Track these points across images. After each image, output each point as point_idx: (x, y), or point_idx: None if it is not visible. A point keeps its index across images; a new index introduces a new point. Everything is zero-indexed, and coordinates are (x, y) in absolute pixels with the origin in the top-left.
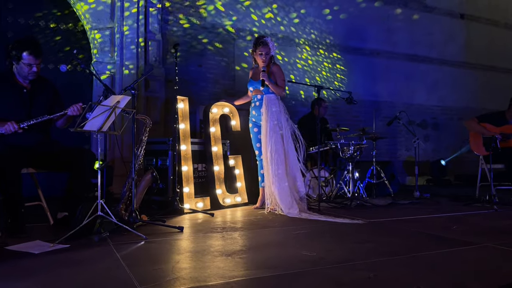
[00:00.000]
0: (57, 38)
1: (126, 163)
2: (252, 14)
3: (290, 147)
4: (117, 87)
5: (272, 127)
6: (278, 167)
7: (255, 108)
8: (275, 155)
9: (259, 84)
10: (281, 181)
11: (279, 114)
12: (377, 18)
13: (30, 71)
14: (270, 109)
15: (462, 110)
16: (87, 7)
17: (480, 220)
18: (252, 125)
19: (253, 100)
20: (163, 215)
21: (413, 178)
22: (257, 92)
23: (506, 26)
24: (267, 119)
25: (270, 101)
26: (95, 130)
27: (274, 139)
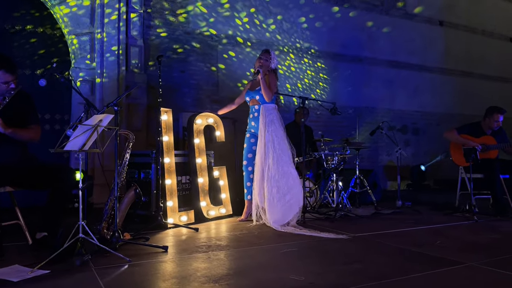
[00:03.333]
0: (32, 40)
1: (106, 172)
2: (235, 19)
3: (287, 157)
4: (97, 94)
5: (269, 138)
6: (275, 179)
7: (254, 119)
8: (273, 166)
9: (255, 94)
10: (277, 192)
11: (276, 124)
12: (359, 25)
13: (8, 88)
14: (267, 119)
15: (441, 116)
16: (67, 10)
17: (462, 233)
18: (249, 135)
19: (251, 111)
20: (147, 231)
21: (394, 182)
22: (254, 102)
23: (483, 33)
24: (265, 130)
25: (267, 111)
26: (77, 149)
27: (272, 149)
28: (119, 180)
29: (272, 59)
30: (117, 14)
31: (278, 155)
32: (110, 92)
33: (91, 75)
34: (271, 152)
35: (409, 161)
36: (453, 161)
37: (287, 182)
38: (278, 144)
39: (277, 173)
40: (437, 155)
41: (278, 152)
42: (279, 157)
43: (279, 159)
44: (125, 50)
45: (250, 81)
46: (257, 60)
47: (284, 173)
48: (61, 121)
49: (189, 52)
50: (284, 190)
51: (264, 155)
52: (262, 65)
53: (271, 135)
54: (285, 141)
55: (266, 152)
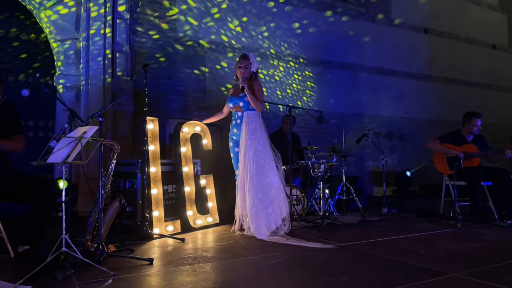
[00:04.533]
0: (15, 44)
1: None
2: (223, 26)
3: (270, 167)
4: (82, 101)
5: (251, 147)
6: (257, 189)
7: (236, 126)
8: (254, 176)
9: (239, 100)
10: (259, 203)
11: (259, 132)
12: (345, 32)
13: None
14: (249, 126)
15: (426, 122)
16: (52, 16)
17: (446, 242)
18: (233, 144)
19: (234, 117)
20: (132, 242)
21: (380, 188)
22: (237, 109)
23: (466, 40)
24: (247, 138)
25: (250, 118)
26: (60, 162)
27: (253, 159)
28: (103, 191)
29: (252, 64)
30: (103, 21)
31: (261, 165)
32: (96, 98)
33: (76, 82)
34: (251, 162)
35: (394, 167)
36: (437, 169)
37: (269, 193)
38: (260, 153)
39: (259, 184)
40: (422, 161)
41: (261, 162)
42: (262, 167)
43: (261, 169)
44: (111, 57)
45: (233, 87)
46: (236, 68)
47: (266, 184)
48: (45, 128)
49: (176, 58)
50: (266, 202)
51: (246, 164)
52: (244, 75)
53: (253, 143)
54: (268, 150)
55: (247, 161)
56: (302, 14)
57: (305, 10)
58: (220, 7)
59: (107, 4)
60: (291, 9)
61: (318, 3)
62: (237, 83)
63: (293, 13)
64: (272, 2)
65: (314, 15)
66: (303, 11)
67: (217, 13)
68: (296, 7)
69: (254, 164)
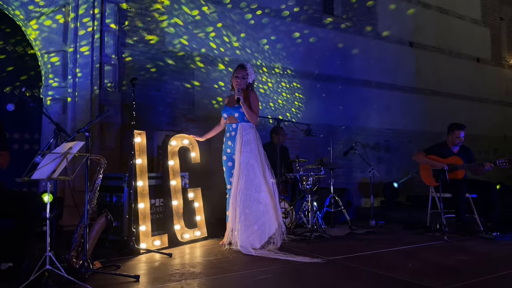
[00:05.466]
0: (1, 56)
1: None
2: (211, 39)
3: (260, 181)
4: (69, 113)
5: (244, 160)
6: (245, 205)
7: (231, 138)
8: (243, 191)
9: (234, 111)
10: (246, 219)
11: (253, 144)
12: (333, 45)
13: None
14: (244, 138)
15: (412, 133)
16: (43, 28)
17: (432, 255)
18: (226, 158)
19: (228, 129)
20: (118, 258)
21: (368, 199)
22: (231, 120)
23: (450, 53)
24: (241, 149)
25: (245, 130)
26: (45, 178)
27: (243, 173)
28: (89, 207)
29: (249, 75)
30: (91, 33)
31: (251, 179)
32: (83, 110)
33: (62, 94)
34: (242, 176)
35: (382, 178)
36: (423, 181)
37: (256, 209)
38: (251, 167)
39: (247, 199)
40: (408, 173)
41: (251, 176)
42: (251, 181)
43: (250, 184)
44: (98, 69)
45: (227, 97)
46: (232, 79)
47: (254, 199)
48: (30, 140)
49: (165, 70)
50: (253, 219)
51: (239, 177)
52: (240, 85)
53: (246, 156)
54: (260, 163)
55: (240, 174)
56: (291, 28)
57: (294, 24)
58: (209, 20)
59: (95, 16)
60: (280, 22)
61: (307, 17)
62: (232, 93)
63: (282, 27)
64: (263, 16)
65: (303, 28)
66: (292, 25)
67: (207, 26)
68: (286, 21)
69: (243, 178)
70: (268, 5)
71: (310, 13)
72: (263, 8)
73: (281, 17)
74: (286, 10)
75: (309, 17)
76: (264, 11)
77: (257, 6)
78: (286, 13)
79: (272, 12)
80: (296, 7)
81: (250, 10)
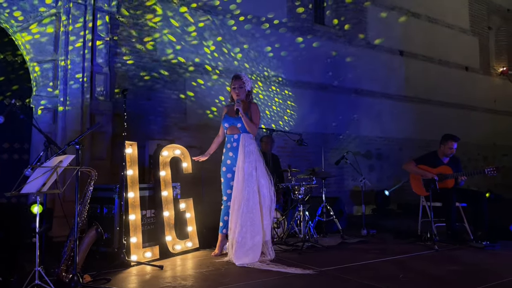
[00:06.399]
0: None
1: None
2: (203, 48)
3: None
4: (60, 123)
5: (248, 171)
6: (247, 217)
7: (232, 149)
8: (246, 203)
9: (236, 121)
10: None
11: (255, 155)
12: (324, 54)
13: None
14: (246, 149)
15: (403, 141)
16: (29, 37)
17: (423, 265)
18: (226, 169)
19: (229, 140)
20: (109, 270)
21: (360, 207)
22: (233, 130)
23: (440, 62)
24: (244, 160)
25: (247, 141)
26: (34, 191)
27: (246, 184)
28: (79, 219)
29: (246, 83)
30: (82, 42)
31: (253, 191)
32: (73, 120)
33: (53, 103)
34: (246, 187)
35: (373, 185)
36: (414, 191)
37: (259, 221)
38: (254, 178)
39: (249, 212)
40: (400, 180)
41: (254, 188)
42: (254, 193)
43: (253, 195)
44: (90, 78)
45: (226, 106)
46: (231, 91)
47: (256, 211)
48: (20, 150)
49: (157, 79)
50: (255, 231)
51: (242, 189)
52: (239, 95)
53: (249, 167)
54: (261, 174)
55: (244, 186)
56: (283, 38)
57: (286, 34)
58: (202, 29)
59: (87, 26)
60: (271, 32)
61: (299, 27)
62: (231, 104)
63: (273, 36)
64: (252, 26)
65: (294, 38)
66: (284, 34)
67: (199, 35)
68: (277, 31)
69: (246, 189)
70: (260, 15)
71: (301, 23)
72: (255, 18)
73: (273, 26)
74: (278, 20)
75: (301, 27)
76: (256, 21)
77: (249, 15)
78: (278, 22)
79: (265, 21)
80: (287, 16)
81: (243, 19)
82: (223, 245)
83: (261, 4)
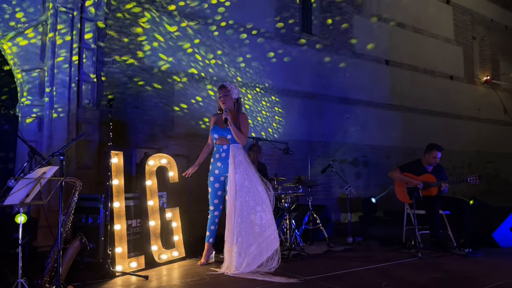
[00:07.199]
0: None
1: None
2: (192, 56)
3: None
4: (46, 131)
5: (239, 180)
6: (241, 227)
7: (221, 159)
8: (239, 213)
9: (226, 132)
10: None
11: (245, 165)
12: (311, 63)
13: None
14: (236, 159)
15: (389, 149)
16: (14, 48)
17: (406, 273)
18: (213, 179)
19: (218, 150)
20: (93, 281)
21: (347, 215)
22: (222, 141)
23: (425, 71)
24: (235, 171)
25: (237, 151)
26: (18, 203)
27: (238, 194)
28: (63, 230)
29: (231, 91)
30: (69, 50)
31: (246, 201)
32: (60, 129)
33: (39, 112)
34: (238, 198)
35: (360, 193)
36: (398, 198)
37: (252, 231)
38: (246, 189)
39: (243, 222)
40: (386, 188)
41: (246, 198)
42: (246, 203)
43: (246, 206)
44: (76, 86)
45: (214, 115)
46: (218, 100)
47: (250, 221)
48: (5, 159)
49: (144, 88)
50: (250, 240)
51: (235, 199)
52: (226, 103)
53: (240, 177)
54: (254, 183)
55: (236, 195)
56: (270, 46)
57: (274, 42)
58: (190, 38)
59: (74, 34)
60: (260, 41)
61: (286, 35)
62: (220, 113)
63: (262, 45)
64: (241, 35)
65: (282, 47)
66: (272, 43)
67: (187, 44)
68: (265, 40)
69: (239, 200)
70: (248, 24)
71: (289, 32)
72: (244, 27)
73: (261, 36)
74: (265, 28)
75: (288, 36)
76: (245, 30)
77: (238, 25)
78: (265, 31)
79: (252, 30)
80: (275, 25)
81: (231, 28)
82: (210, 254)
83: (249, 13)
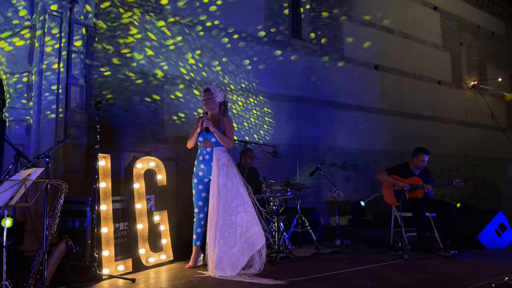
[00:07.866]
0: None
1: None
2: (181, 60)
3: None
4: (33, 135)
5: (223, 183)
6: (223, 229)
7: (204, 161)
8: (221, 215)
9: (210, 136)
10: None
11: (229, 167)
12: (301, 67)
13: None
14: (219, 162)
15: (378, 153)
16: (7, 49)
17: (393, 274)
18: (197, 181)
19: (201, 153)
20: (79, 284)
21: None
22: (206, 144)
23: (414, 76)
24: (218, 173)
25: (220, 154)
26: (2, 205)
27: (221, 197)
28: (49, 233)
29: (215, 95)
30: (57, 53)
31: (228, 202)
32: (47, 132)
33: (27, 115)
34: (220, 200)
35: (350, 196)
36: (386, 200)
37: (234, 232)
38: (228, 190)
39: (224, 224)
40: (375, 191)
41: (228, 199)
42: (228, 205)
43: (228, 207)
44: (65, 90)
45: (198, 118)
46: (202, 103)
47: (231, 223)
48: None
49: (133, 91)
50: (232, 242)
51: (217, 201)
52: (208, 106)
53: (223, 180)
54: (237, 185)
55: (219, 198)
56: (261, 51)
57: (264, 47)
58: (181, 42)
59: (62, 37)
60: (250, 46)
61: (277, 41)
62: (205, 117)
63: (252, 50)
64: (231, 39)
65: (272, 51)
66: (262, 47)
67: (176, 48)
68: (255, 44)
69: (221, 202)
70: (239, 29)
71: (279, 37)
72: (234, 31)
73: (252, 40)
74: (256, 33)
75: (279, 41)
76: (235, 34)
77: (228, 29)
78: (256, 36)
79: (243, 35)
80: (265, 30)
81: (222, 33)
82: (197, 257)
83: (240, 18)
